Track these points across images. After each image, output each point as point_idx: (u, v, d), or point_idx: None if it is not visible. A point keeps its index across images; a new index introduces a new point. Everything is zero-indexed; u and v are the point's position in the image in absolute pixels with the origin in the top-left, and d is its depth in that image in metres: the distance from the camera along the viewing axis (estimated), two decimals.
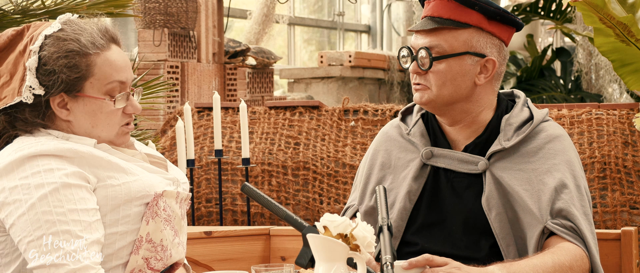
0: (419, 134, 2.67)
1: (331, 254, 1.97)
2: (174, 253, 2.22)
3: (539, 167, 2.55)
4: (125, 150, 2.26)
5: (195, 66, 6.24)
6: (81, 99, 2.17)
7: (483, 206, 2.53)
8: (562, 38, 10.94)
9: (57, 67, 2.13)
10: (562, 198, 2.50)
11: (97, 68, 2.16)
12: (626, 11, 3.88)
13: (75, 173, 2.09)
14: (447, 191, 2.60)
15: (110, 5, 3.76)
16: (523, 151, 2.58)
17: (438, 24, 2.55)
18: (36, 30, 2.18)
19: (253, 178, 4.31)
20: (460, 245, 2.54)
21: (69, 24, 2.19)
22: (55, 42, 2.15)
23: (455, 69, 2.56)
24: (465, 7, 2.55)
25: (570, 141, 2.63)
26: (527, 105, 2.66)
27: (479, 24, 2.56)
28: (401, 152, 2.69)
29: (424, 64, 2.57)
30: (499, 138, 2.58)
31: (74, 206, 2.06)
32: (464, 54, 2.56)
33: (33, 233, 2.04)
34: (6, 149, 2.15)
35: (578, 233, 2.48)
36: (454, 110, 2.60)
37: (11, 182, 2.08)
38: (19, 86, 2.14)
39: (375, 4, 11.72)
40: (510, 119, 2.60)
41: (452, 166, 2.60)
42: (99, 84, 2.17)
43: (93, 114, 2.18)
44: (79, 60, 2.14)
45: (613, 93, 8.20)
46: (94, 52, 2.16)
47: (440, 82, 2.56)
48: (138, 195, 2.16)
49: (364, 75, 8.89)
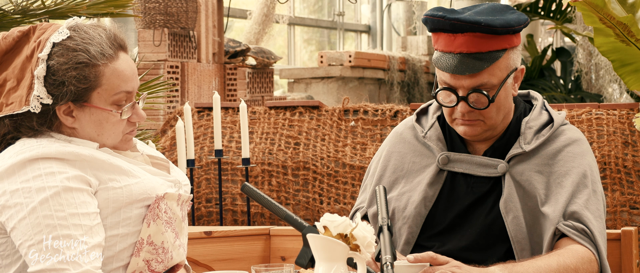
0: (436, 138, 2.64)
1: (331, 254, 1.97)
2: (174, 255, 2.22)
3: (558, 170, 2.54)
4: (127, 152, 2.26)
5: (195, 66, 6.24)
6: (88, 108, 2.16)
7: (501, 208, 2.51)
8: (562, 38, 10.95)
9: (66, 79, 2.11)
10: (577, 202, 2.49)
11: (105, 79, 2.15)
12: (626, 11, 3.88)
13: (76, 177, 2.09)
14: (466, 196, 2.58)
15: (110, 5, 3.76)
16: (542, 154, 2.57)
17: (485, 63, 2.49)
18: (43, 34, 2.17)
19: (253, 178, 4.31)
20: (476, 249, 2.53)
21: (77, 31, 2.16)
22: (65, 52, 2.13)
23: (503, 94, 2.54)
24: (500, 34, 2.50)
25: (588, 145, 2.62)
26: (546, 108, 2.66)
27: (511, 44, 2.53)
28: (416, 156, 2.66)
29: (482, 104, 2.52)
30: (518, 141, 2.57)
31: (75, 210, 2.06)
32: (507, 78, 2.54)
33: (34, 236, 2.04)
34: (8, 150, 2.14)
35: (589, 235, 2.46)
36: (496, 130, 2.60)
37: (12, 185, 2.07)
38: (26, 94, 2.13)
39: (375, 4, 11.72)
40: (530, 123, 2.59)
41: (471, 170, 2.58)
42: (107, 94, 2.16)
43: (99, 124, 2.17)
44: (88, 71, 2.13)
45: (613, 93, 8.20)
46: (103, 63, 2.14)
47: (494, 114, 2.54)
48: (139, 197, 2.15)
49: (364, 75, 8.89)
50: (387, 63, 9.25)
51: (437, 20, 2.50)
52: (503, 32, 2.47)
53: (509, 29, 2.48)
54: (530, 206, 2.51)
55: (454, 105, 2.53)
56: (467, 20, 2.46)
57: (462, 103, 2.51)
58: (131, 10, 4.26)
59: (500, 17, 2.50)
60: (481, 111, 2.52)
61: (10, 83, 2.16)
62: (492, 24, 2.46)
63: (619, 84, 8.04)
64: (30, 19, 3.71)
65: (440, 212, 2.59)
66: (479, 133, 2.56)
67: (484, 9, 2.55)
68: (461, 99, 2.51)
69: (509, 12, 2.55)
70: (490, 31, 2.47)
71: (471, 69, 2.47)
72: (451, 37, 2.50)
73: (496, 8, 2.56)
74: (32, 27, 2.20)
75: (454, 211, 2.57)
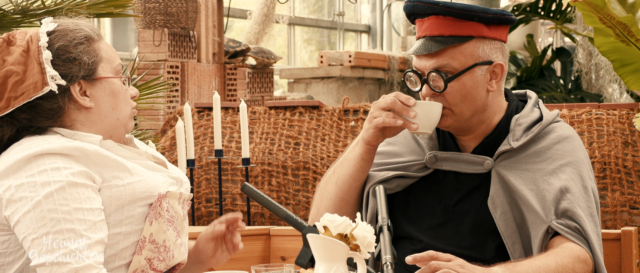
0: (427, 136, 2.67)
1: (331, 254, 1.97)
2: (176, 254, 2.23)
3: (546, 167, 2.55)
4: (129, 148, 2.27)
5: (195, 66, 6.24)
6: (99, 82, 2.23)
7: (489, 205, 2.53)
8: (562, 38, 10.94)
9: (76, 55, 2.20)
10: (568, 199, 2.50)
11: (103, 52, 2.25)
12: (626, 11, 3.88)
13: (81, 172, 2.10)
14: (455, 192, 2.60)
15: (110, 5, 3.76)
16: (531, 151, 2.57)
17: (442, 44, 2.53)
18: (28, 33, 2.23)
19: (253, 178, 4.31)
20: (467, 245, 2.54)
21: (62, 21, 2.27)
22: (63, 35, 2.22)
23: (469, 83, 2.55)
24: (464, 20, 2.54)
25: (581, 142, 2.62)
26: (538, 106, 2.66)
27: (480, 33, 2.55)
28: (407, 153, 2.70)
29: (438, 86, 2.55)
30: (507, 138, 2.58)
31: (80, 205, 2.07)
32: (473, 67, 2.55)
33: (38, 230, 2.05)
34: (13, 147, 2.16)
35: (582, 234, 2.47)
36: (471, 123, 2.60)
37: (18, 180, 2.09)
38: (41, 78, 2.17)
39: (375, 4, 11.72)
40: (520, 120, 2.60)
41: (458, 168, 2.60)
42: (109, 66, 2.25)
43: (113, 95, 2.24)
44: (92, 45, 2.23)
45: (613, 93, 8.20)
46: (97, 38, 2.26)
47: (458, 101, 2.55)
48: (142, 195, 2.17)
49: (364, 75, 8.89)
50: (387, 63, 9.25)
51: (407, 3, 2.60)
52: (463, 16, 2.52)
53: (470, 14, 2.53)
54: (516, 203, 2.52)
55: (418, 90, 2.58)
56: (429, 1, 2.54)
57: (424, 86, 2.56)
58: (131, 10, 4.26)
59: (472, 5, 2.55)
60: (446, 98, 2.55)
61: (13, 78, 2.18)
62: (450, 6, 2.53)
63: (619, 84, 8.04)
64: (30, 19, 3.71)
65: (430, 207, 2.60)
66: (450, 124, 2.58)
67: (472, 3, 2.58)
68: (423, 82, 2.56)
69: (492, 7, 2.58)
70: (450, 13, 2.52)
71: (430, 49, 2.53)
72: (421, 22, 2.58)
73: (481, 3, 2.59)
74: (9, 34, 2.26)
75: (444, 207, 2.59)
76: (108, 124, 2.24)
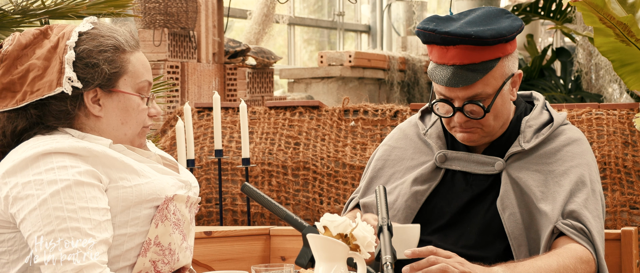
0: (436, 135, 2.66)
1: (331, 254, 1.97)
2: (181, 257, 2.23)
3: (556, 169, 2.55)
4: (140, 151, 2.27)
5: (195, 66, 6.24)
6: (115, 94, 2.21)
7: (497, 205, 2.53)
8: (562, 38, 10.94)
9: (98, 61, 2.18)
10: (575, 201, 2.50)
11: (131, 66, 2.22)
12: (626, 11, 3.88)
13: (88, 172, 2.11)
14: (465, 192, 2.59)
15: (110, 5, 3.76)
16: (541, 152, 2.58)
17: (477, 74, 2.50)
18: (65, 28, 2.22)
19: (253, 178, 4.31)
20: (474, 246, 2.54)
21: (100, 24, 2.24)
22: (94, 38, 2.20)
23: (499, 102, 2.55)
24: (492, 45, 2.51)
25: (589, 145, 2.63)
26: (547, 108, 2.67)
27: (505, 52, 2.53)
28: (415, 153, 2.69)
29: (473, 112, 2.53)
30: (518, 139, 2.58)
31: (85, 204, 2.08)
32: (503, 85, 2.54)
33: (43, 228, 2.05)
34: (21, 146, 2.17)
35: (587, 235, 2.47)
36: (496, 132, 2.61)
37: (25, 178, 2.09)
38: (57, 78, 2.16)
39: (375, 4, 11.72)
40: (530, 121, 2.60)
41: (468, 168, 2.59)
42: (132, 81, 2.23)
43: (125, 111, 2.22)
44: (118, 56, 2.21)
45: (613, 93, 8.20)
46: (129, 50, 2.23)
47: (491, 121, 2.55)
48: (149, 197, 2.17)
49: (364, 75, 8.89)
50: (387, 63, 9.25)
51: (428, 33, 2.51)
52: (494, 42, 2.48)
53: (500, 39, 2.49)
54: (527, 204, 2.52)
55: (450, 115, 2.55)
56: (457, 33, 2.47)
57: (458, 113, 2.53)
58: (131, 10, 4.26)
59: (492, 26, 2.50)
60: (478, 120, 2.53)
61: (33, 72, 2.18)
62: (482, 36, 2.46)
63: (619, 84, 8.03)
64: (30, 19, 3.71)
65: (439, 208, 2.60)
66: (477, 139, 2.58)
67: (477, 16, 2.56)
68: (457, 110, 2.53)
69: (504, 18, 2.55)
70: (482, 43, 2.47)
71: (465, 81, 2.48)
72: (443, 49, 2.51)
73: (491, 15, 2.56)
74: (49, 26, 2.25)
75: (453, 208, 2.59)
76: (114, 137, 2.23)
